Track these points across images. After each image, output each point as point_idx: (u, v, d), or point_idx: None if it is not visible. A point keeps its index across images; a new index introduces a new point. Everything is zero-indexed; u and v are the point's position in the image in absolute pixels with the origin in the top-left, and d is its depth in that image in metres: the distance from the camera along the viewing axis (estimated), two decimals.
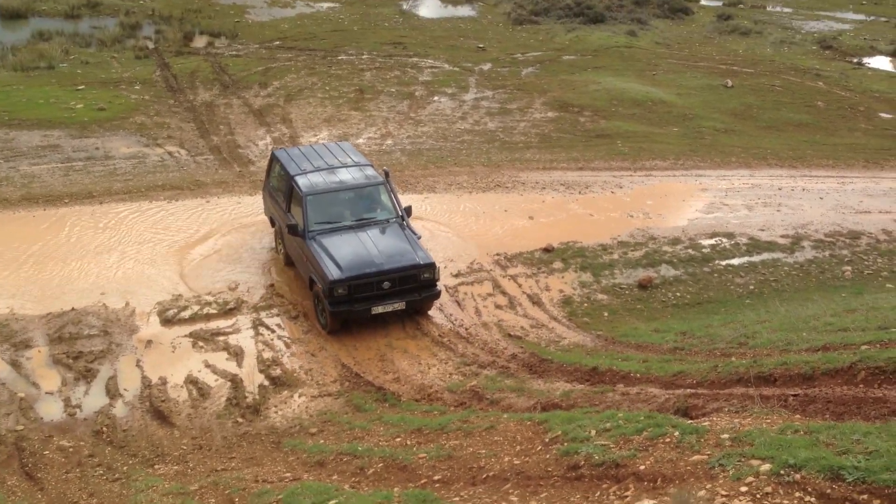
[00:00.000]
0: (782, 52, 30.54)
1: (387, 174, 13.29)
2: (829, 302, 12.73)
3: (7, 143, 18.55)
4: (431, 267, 11.91)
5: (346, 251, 11.83)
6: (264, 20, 31.80)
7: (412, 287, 11.85)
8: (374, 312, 11.69)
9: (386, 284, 11.66)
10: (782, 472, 5.44)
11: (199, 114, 20.96)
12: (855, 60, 30.12)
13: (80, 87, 22.49)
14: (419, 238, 12.53)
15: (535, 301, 13.03)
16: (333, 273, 11.48)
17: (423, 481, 7.31)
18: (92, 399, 10.42)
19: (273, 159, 13.91)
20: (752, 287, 13.80)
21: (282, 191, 13.25)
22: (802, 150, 20.67)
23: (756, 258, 14.68)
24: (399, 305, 11.80)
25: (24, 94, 21.61)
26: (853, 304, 12.33)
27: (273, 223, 14.01)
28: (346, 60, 26.45)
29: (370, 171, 13.22)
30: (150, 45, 27.55)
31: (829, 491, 5.23)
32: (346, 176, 12.97)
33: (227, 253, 13.95)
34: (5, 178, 16.74)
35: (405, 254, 11.92)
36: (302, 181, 12.71)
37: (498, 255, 14.25)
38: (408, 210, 12.85)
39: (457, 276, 13.50)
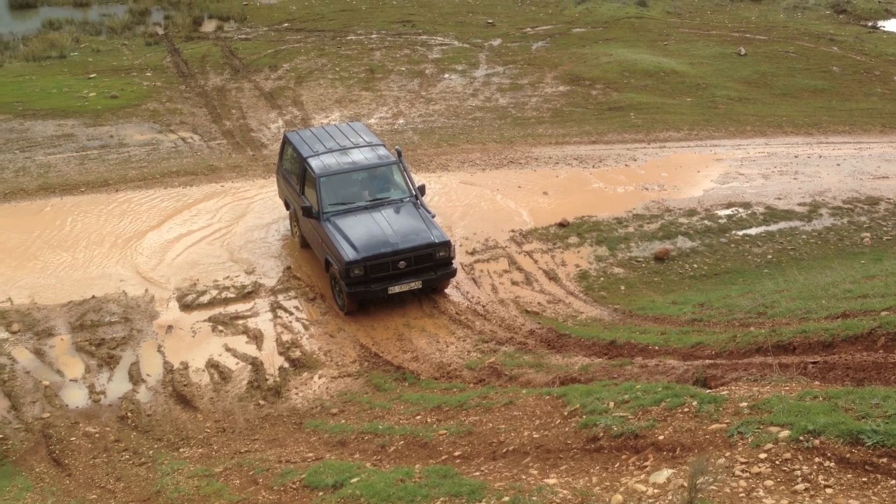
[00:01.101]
0: (795, 17, 30.11)
1: (399, 153, 13.29)
2: (847, 269, 12.65)
3: (22, 133, 18.69)
4: (447, 245, 11.92)
5: (361, 232, 11.86)
6: (272, 2, 31.68)
7: (428, 266, 11.88)
8: (390, 292, 11.74)
9: (402, 264, 11.69)
10: (801, 437, 5.44)
11: (211, 99, 21.00)
12: (869, 24, 29.66)
13: (91, 76, 22.58)
14: (433, 216, 12.54)
15: (552, 276, 13.03)
16: (349, 254, 11.52)
17: (443, 457, 7.37)
18: (116, 385, 10.57)
19: (285, 142, 13.93)
20: (769, 256, 13.73)
21: (295, 173, 13.28)
22: (818, 116, 20.44)
23: (773, 227, 14.59)
24: (415, 284, 11.84)
25: (36, 84, 21.72)
26: (872, 270, 12.26)
27: (287, 206, 14.05)
28: (355, 40, 26.36)
29: (382, 151, 13.22)
30: (160, 31, 27.58)
31: (848, 455, 5.24)
32: (358, 156, 12.97)
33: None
34: (22, 168, 16.87)
35: (420, 233, 11.94)
36: (315, 163, 12.73)
37: (513, 231, 14.24)
38: (421, 189, 12.86)
39: (472, 253, 13.52)
